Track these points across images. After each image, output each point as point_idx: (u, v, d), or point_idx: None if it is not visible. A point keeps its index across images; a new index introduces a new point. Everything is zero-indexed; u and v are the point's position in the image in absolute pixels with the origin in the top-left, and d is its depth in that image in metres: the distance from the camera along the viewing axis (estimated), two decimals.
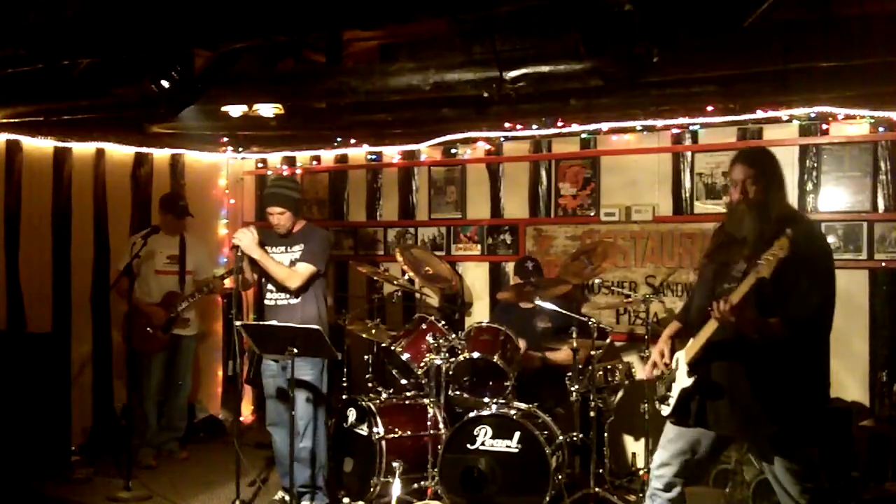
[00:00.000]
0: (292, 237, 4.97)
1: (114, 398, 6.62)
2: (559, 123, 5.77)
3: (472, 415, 4.90)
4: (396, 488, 4.66)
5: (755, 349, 3.25)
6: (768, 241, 3.17)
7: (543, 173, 6.44)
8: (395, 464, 4.80)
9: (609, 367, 5.23)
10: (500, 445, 4.79)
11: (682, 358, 3.45)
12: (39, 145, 6.20)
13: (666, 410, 3.56)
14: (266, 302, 5.02)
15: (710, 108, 5.22)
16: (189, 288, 6.15)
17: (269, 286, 4.96)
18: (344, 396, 5.59)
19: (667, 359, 3.56)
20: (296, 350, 4.43)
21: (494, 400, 5.02)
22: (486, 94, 4.04)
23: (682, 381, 3.43)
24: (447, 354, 5.16)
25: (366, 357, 5.84)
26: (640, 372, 5.44)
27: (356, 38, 4.45)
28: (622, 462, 5.85)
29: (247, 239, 4.78)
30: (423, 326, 5.44)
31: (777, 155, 5.78)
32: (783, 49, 3.62)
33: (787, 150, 5.57)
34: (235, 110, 4.83)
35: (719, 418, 3.37)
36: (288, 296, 4.89)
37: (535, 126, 5.99)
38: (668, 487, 3.59)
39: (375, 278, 6.22)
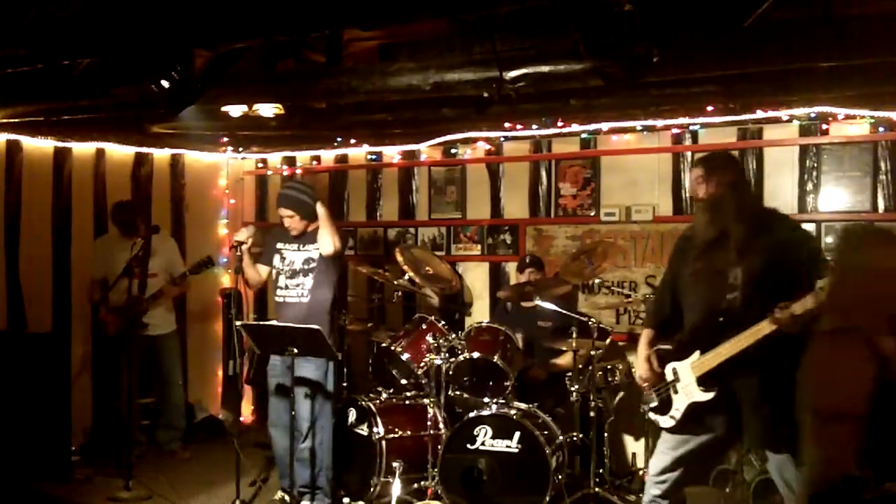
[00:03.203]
0: (306, 236, 4.99)
1: (114, 398, 6.62)
2: (559, 123, 5.77)
3: (472, 415, 4.90)
4: (396, 488, 4.66)
5: (770, 358, 3.24)
6: (750, 241, 3.26)
7: (543, 173, 6.44)
8: (395, 464, 4.81)
9: (609, 367, 5.23)
10: (500, 445, 4.79)
11: (686, 371, 3.42)
12: (39, 145, 6.20)
13: (667, 422, 3.53)
14: (275, 298, 5.03)
15: (710, 108, 5.22)
16: (152, 290, 5.98)
17: (280, 282, 4.96)
18: (344, 396, 5.59)
19: (657, 368, 3.56)
20: (296, 350, 4.43)
21: (494, 400, 5.02)
22: (486, 94, 4.04)
23: (693, 394, 3.39)
24: (447, 354, 5.16)
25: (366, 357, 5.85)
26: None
27: (356, 38, 4.45)
28: (622, 462, 5.84)
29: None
30: (423, 326, 5.45)
31: (777, 155, 5.85)
32: (783, 49, 3.62)
33: (787, 150, 5.58)
34: (235, 110, 4.83)
35: (748, 429, 3.37)
36: (300, 293, 4.90)
37: (535, 126, 5.99)
38: (667, 494, 3.58)
39: (375, 278, 6.22)
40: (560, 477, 4.77)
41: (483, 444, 4.82)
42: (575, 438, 5.08)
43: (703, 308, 3.43)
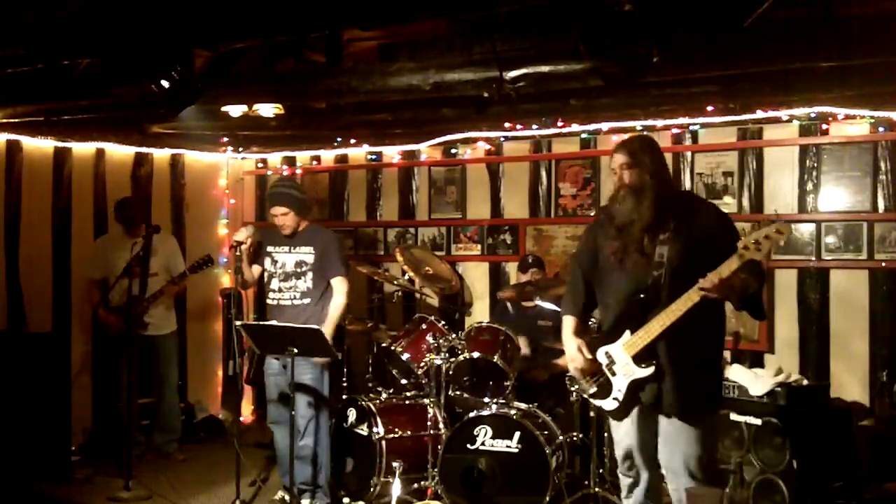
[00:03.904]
0: (297, 237, 4.97)
1: (114, 398, 6.62)
2: (559, 123, 5.77)
3: (472, 415, 4.90)
4: (396, 488, 4.66)
5: (689, 328, 3.30)
6: (675, 221, 3.36)
7: (543, 173, 6.44)
8: (395, 464, 4.81)
9: None
10: (500, 445, 4.79)
11: (619, 352, 3.45)
12: (39, 145, 6.20)
13: (612, 404, 3.54)
14: (269, 301, 5.02)
15: (710, 108, 5.22)
16: (153, 290, 5.95)
17: (272, 285, 4.96)
18: (344, 396, 5.59)
19: (589, 355, 3.57)
20: (296, 350, 4.43)
21: (494, 400, 5.02)
22: (486, 94, 4.04)
23: (633, 373, 3.42)
24: (447, 354, 5.16)
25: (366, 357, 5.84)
26: None
27: (356, 38, 4.45)
28: None
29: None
30: (423, 326, 5.44)
31: (777, 155, 5.85)
32: (783, 49, 3.62)
33: (787, 150, 5.58)
34: (235, 110, 4.82)
35: (679, 400, 3.40)
36: (293, 296, 4.89)
37: (535, 126, 5.99)
38: (636, 482, 3.63)
39: (375, 278, 6.22)
40: (560, 477, 4.77)
41: (483, 444, 4.82)
42: (575, 438, 5.08)
43: (628, 286, 3.45)
